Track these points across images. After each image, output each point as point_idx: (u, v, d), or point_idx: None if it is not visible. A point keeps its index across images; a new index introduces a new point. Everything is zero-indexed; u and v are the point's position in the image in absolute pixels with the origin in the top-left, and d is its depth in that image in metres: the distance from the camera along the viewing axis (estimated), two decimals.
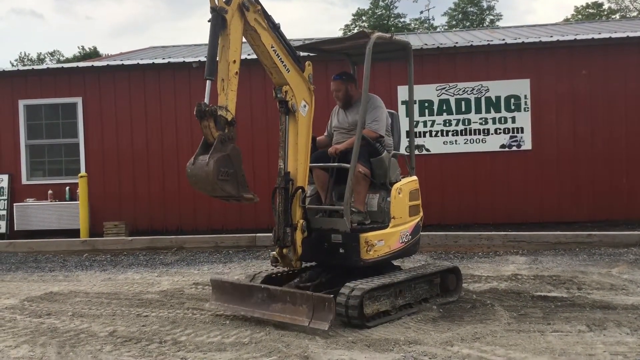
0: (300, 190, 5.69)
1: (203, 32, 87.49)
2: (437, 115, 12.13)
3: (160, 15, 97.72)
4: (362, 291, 5.26)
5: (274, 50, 5.55)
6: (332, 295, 5.02)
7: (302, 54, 6.87)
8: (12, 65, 49.17)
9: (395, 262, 6.44)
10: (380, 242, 5.80)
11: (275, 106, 5.90)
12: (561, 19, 51.35)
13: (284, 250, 5.65)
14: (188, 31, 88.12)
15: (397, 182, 6.15)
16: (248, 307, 5.47)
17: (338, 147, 6.15)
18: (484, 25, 44.42)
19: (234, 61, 5.17)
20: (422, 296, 5.91)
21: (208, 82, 5.04)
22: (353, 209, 5.83)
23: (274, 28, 5.57)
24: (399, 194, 6.05)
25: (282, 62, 5.62)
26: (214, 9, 5.03)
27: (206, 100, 5.00)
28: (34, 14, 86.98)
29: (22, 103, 13.17)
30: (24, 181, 13.16)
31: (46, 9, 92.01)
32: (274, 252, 5.72)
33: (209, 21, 5.08)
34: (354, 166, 5.75)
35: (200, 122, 5.03)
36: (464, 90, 12.08)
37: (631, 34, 12.06)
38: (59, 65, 15.04)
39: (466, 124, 12.09)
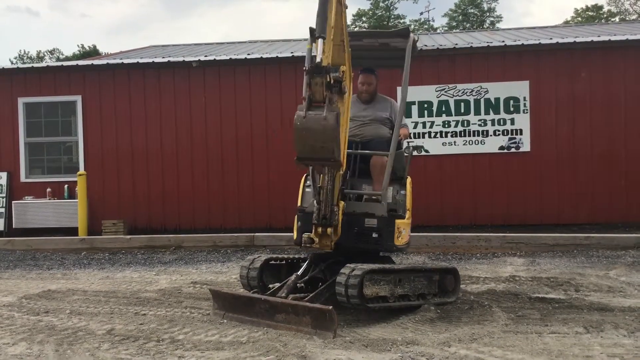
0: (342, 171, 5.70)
1: (200, 32, 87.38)
2: (436, 116, 12.15)
3: (156, 14, 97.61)
4: (363, 271, 5.30)
5: (346, 27, 5.49)
6: (331, 307, 5.03)
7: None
8: (12, 63, 49.14)
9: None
10: (404, 231, 5.93)
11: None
12: (558, 21, 51.40)
13: (328, 230, 5.55)
14: (184, 31, 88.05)
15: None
16: (253, 317, 5.48)
17: (406, 132, 6.42)
18: (484, 27, 44.45)
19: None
20: (421, 290, 5.92)
21: (320, 41, 4.96)
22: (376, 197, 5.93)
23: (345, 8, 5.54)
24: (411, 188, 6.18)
25: (343, 41, 5.50)
26: None
27: (318, 60, 4.91)
28: (29, 11, 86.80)
29: (21, 101, 13.18)
30: (23, 179, 13.17)
31: (42, 7, 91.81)
32: (309, 234, 5.59)
33: None
34: (393, 154, 5.91)
35: (312, 79, 4.92)
36: (463, 92, 12.10)
37: (631, 37, 12.09)
38: (59, 64, 15.05)
39: (465, 125, 12.11)
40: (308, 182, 6.02)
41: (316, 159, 5.11)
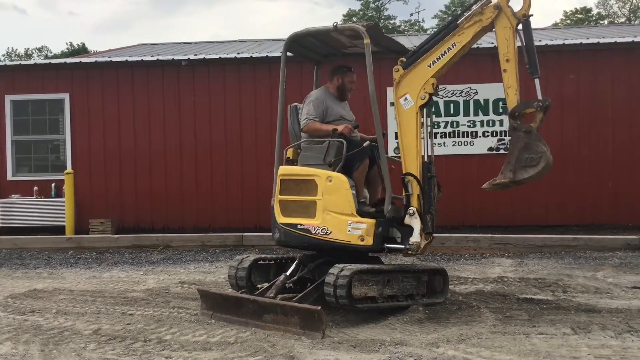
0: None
1: (188, 31, 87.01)
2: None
3: (144, 12, 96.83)
4: (352, 271, 5.29)
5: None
6: (319, 307, 5.02)
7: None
8: (0, 60, 48.76)
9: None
10: None
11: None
12: (545, 24, 51.72)
13: (431, 237, 5.92)
14: (173, 29, 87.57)
15: None
16: (241, 317, 5.46)
17: None
18: None
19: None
20: (409, 291, 5.92)
21: (537, 80, 5.84)
22: None
23: None
24: None
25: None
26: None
27: (539, 97, 5.68)
28: (16, 8, 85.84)
29: (8, 98, 13.06)
30: (10, 177, 13.05)
31: (29, 4, 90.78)
32: (416, 240, 5.68)
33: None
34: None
35: (545, 114, 5.82)
36: (452, 93, 12.11)
37: (619, 40, 12.15)
38: (47, 61, 14.95)
39: (454, 126, 12.13)
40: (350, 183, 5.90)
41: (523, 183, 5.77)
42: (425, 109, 6.03)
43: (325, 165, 5.99)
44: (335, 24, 6.12)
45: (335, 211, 5.77)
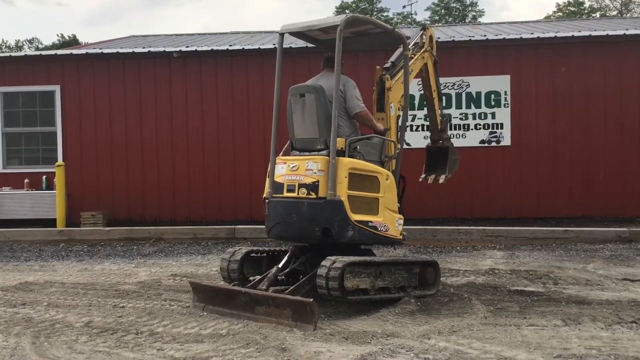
0: None
1: (179, 22, 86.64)
2: (418, 109, 12.14)
3: (134, 3, 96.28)
4: (344, 263, 5.31)
5: None
6: (311, 299, 5.03)
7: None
8: None
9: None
10: None
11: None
12: (536, 16, 51.82)
13: None
14: (162, 21, 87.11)
15: None
16: (233, 309, 5.47)
17: None
18: (466, 21, 44.63)
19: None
20: (401, 283, 5.94)
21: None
22: None
23: None
24: None
25: None
26: None
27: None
28: (4, 0, 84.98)
29: None
30: (0, 169, 12.98)
31: None
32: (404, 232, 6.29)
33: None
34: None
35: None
36: (444, 86, 12.08)
37: (611, 33, 12.17)
38: (37, 53, 14.84)
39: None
40: None
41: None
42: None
43: (380, 162, 6.14)
44: (394, 26, 6.96)
45: (390, 208, 6.01)
